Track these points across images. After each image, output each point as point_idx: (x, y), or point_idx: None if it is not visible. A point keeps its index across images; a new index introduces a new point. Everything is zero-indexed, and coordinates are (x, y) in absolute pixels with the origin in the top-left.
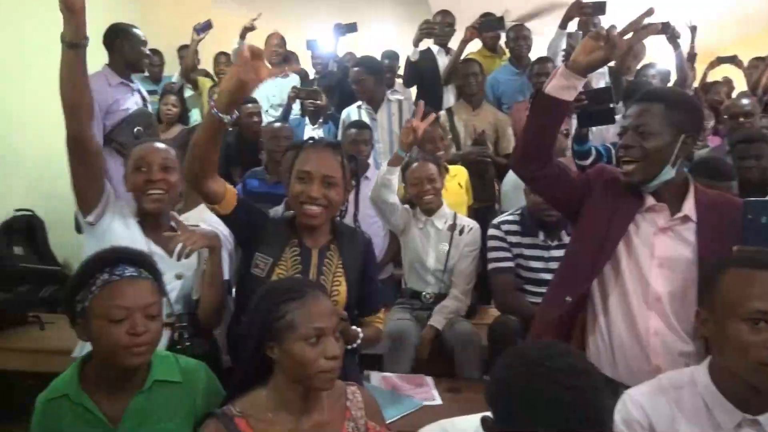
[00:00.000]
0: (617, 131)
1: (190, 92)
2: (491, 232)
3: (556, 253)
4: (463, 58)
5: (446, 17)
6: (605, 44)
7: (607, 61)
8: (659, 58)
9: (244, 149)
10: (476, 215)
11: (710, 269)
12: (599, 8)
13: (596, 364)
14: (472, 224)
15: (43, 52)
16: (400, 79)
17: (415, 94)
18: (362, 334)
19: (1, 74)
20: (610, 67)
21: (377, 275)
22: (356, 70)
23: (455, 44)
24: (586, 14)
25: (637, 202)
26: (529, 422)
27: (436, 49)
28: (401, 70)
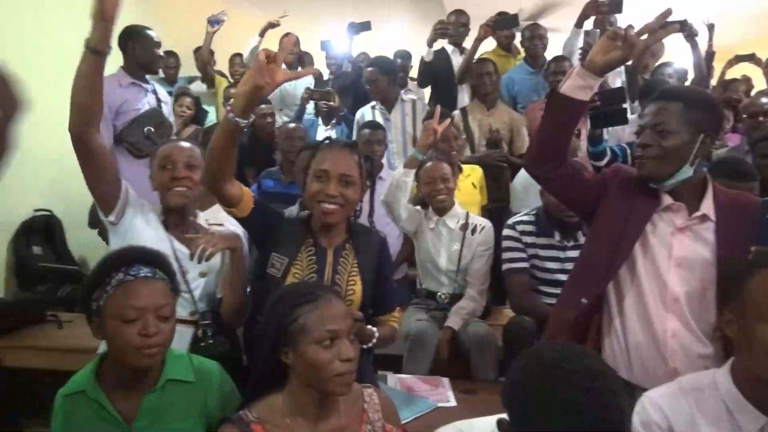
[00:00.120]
0: (633, 131)
1: (202, 89)
2: (506, 232)
3: (572, 253)
4: (477, 57)
5: (460, 17)
6: (622, 44)
7: (624, 61)
8: (677, 56)
9: (257, 150)
10: (491, 215)
11: (737, 269)
12: (616, 6)
13: (612, 366)
14: (484, 223)
15: (60, 54)
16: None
17: (429, 94)
18: (377, 333)
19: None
20: (626, 65)
21: (392, 274)
22: (370, 70)
23: (470, 44)
24: (602, 12)
25: (653, 201)
26: (544, 424)
27: (450, 48)
28: (414, 69)
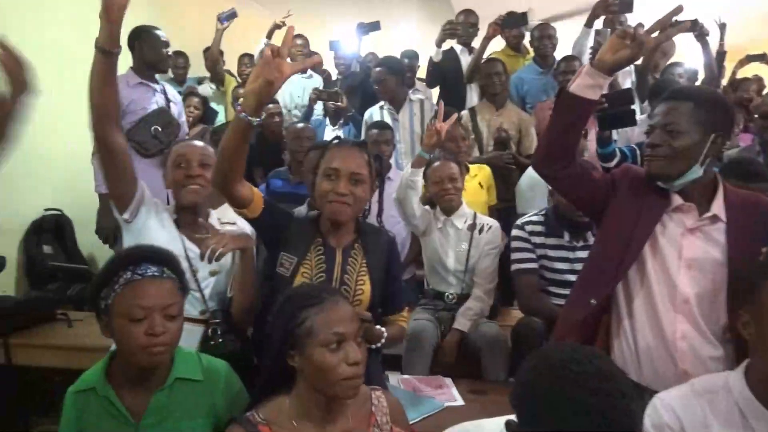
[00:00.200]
0: (643, 131)
1: (211, 89)
2: (515, 232)
3: (581, 254)
4: (486, 57)
5: (469, 17)
6: (632, 43)
7: (633, 60)
8: (688, 55)
9: (265, 150)
10: (499, 215)
11: (753, 270)
12: (626, 6)
13: (621, 367)
14: (491, 222)
15: (70, 55)
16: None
17: (437, 94)
18: (386, 333)
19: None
20: (636, 65)
21: (401, 274)
22: (378, 70)
23: (479, 43)
24: (612, 12)
25: (663, 201)
26: (553, 425)
27: (459, 48)
28: (422, 69)
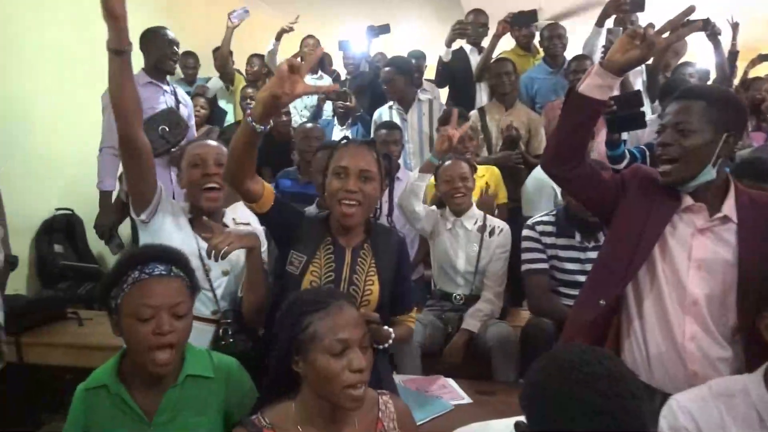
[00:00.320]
0: (654, 130)
1: (220, 86)
2: (525, 232)
3: (592, 254)
4: (497, 56)
5: (479, 17)
6: (641, 43)
7: (643, 60)
8: (700, 55)
9: (272, 150)
10: (509, 214)
11: None
12: (638, 5)
13: (631, 368)
14: (502, 225)
15: (70, 55)
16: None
17: (447, 94)
18: (394, 334)
19: (40, 77)
20: (647, 64)
21: (411, 274)
22: (387, 70)
23: (488, 43)
24: (624, 11)
25: (674, 202)
26: (562, 427)
27: (468, 48)
28: (430, 69)
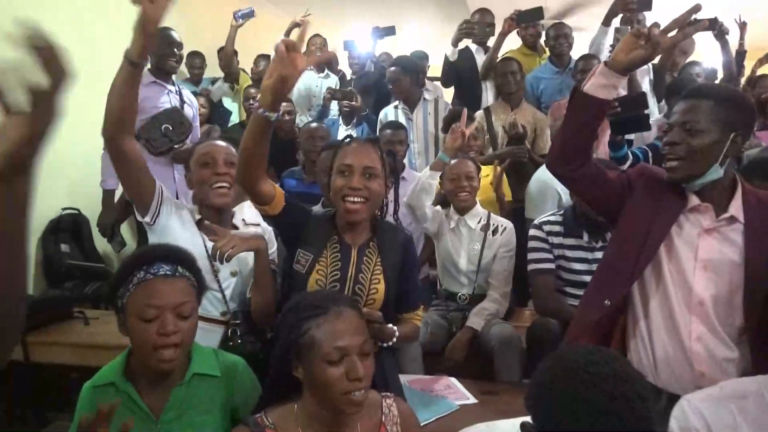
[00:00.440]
0: (662, 128)
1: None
2: (532, 232)
3: (599, 254)
4: (502, 56)
5: (485, 16)
6: (646, 43)
7: (648, 60)
8: (707, 54)
9: (276, 149)
10: (514, 214)
11: None
12: (645, 4)
13: (637, 369)
14: (506, 224)
15: (86, 56)
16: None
17: (453, 93)
18: (398, 332)
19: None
20: (653, 63)
21: (417, 272)
22: (392, 69)
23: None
24: (631, 10)
25: (680, 201)
26: (568, 427)
27: (474, 48)
28: (434, 69)
